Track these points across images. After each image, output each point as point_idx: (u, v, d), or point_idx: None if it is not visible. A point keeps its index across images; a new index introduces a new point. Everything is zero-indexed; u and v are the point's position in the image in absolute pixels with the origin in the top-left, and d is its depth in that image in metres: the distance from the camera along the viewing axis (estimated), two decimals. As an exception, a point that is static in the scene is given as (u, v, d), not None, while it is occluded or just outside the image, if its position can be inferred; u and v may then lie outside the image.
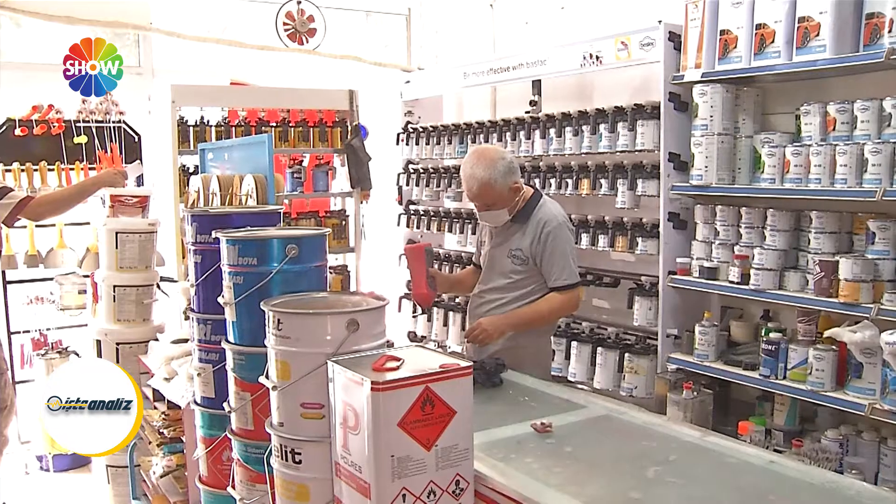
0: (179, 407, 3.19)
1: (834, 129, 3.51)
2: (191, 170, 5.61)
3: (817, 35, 3.43)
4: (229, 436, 2.57)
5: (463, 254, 5.60)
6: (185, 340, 3.62)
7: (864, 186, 3.32)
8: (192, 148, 5.54)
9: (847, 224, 3.62)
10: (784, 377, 3.62)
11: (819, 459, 3.48)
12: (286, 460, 2.17)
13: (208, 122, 5.84)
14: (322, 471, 2.10)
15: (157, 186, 5.44)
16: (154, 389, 3.61)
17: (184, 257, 4.89)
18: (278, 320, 2.13)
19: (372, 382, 1.80)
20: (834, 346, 3.51)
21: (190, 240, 2.85)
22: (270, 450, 2.24)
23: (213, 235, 2.58)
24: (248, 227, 2.67)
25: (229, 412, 2.54)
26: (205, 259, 2.76)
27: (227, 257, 2.47)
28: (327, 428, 2.06)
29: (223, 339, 2.57)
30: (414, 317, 5.98)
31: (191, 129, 5.72)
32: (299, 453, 2.14)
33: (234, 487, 2.57)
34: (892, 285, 3.31)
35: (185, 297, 3.84)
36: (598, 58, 4.42)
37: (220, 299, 2.54)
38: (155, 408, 3.73)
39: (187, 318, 3.22)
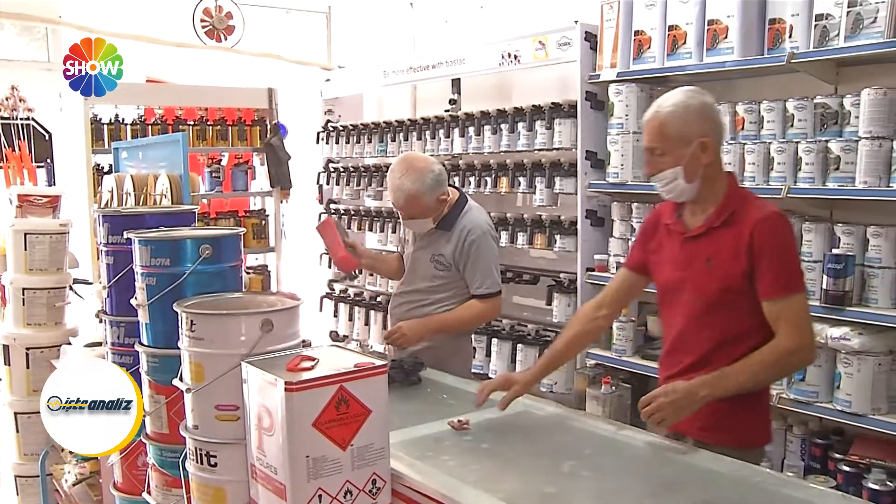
0: (92, 412, 3.12)
1: (742, 129, 3.61)
2: (105, 169, 5.48)
3: (725, 37, 3.54)
4: (144, 440, 2.51)
5: (384, 252, 5.59)
6: (99, 344, 3.53)
7: (770, 184, 3.43)
8: (106, 147, 5.41)
9: (756, 220, 3.73)
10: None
11: (732, 450, 3.58)
12: (202, 463, 2.14)
13: (123, 120, 5.71)
14: (238, 473, 2.08)
15: (70, 186, 5.29)
16: (66, 395, 3.51)
17: (98, 259, 4.77)
18: (191, 321, 2.10)
19: (285, 383, 1.79)
20: (746, 339, 3.61)
21: (102, 241, 2.79)
22: (186, 453, 2.20)
23: (126, 236, 2.53)
24: (162, 228, 2.62)
25: (144, 416, 2.49)
26: (117, 260, 2.69)
27: (140, 258, 2.42)
28: (242, 430, 2.04)
29: (137, 342, 2.51)
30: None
31: (105, 127, 5.58)
32: (214, 456, 2.11)
33: (149, 493, 2.53)
34: (798, 279, 3.42)
35: (100, 299, 3.75)
36: (516, 57, 4.47)
37: (132, 301, 2.49)
38: (67, 413, 3.63)
39: (101, 320, 3.14)
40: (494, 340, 4.60)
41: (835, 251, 3.26)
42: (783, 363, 2.37)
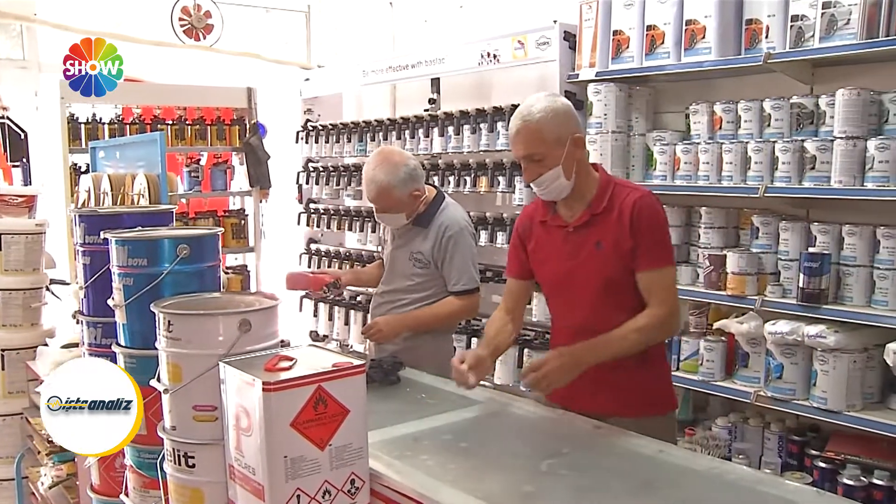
0: (69, 414, 3.09)
1: (720, 128, 3.65)
2: (82, 168, 5.44)
3: (703, 37, 3.57)
4: (121, 441, 2.50)
5: (363, 252, 5.59)
6: (76, 345, 3.51)
7: (748, 183, 3.46)
8: (83, 146, 5.37)
9: (734, 219, 3.77)
10: (677, 368, 3.74)
11: (709, 447, 3.62)
12: (179, 464, 2.13)
13: (101, 119, 5.67)
14: (216, 474, 2.07)
15: (46, 186, 5.24)
16: (43, 396, 3.48)
17: (75, 259, 4.74)
18: (169, 322, 2.09)
19: (263, 383, 1.78)
20: (723, 338, 3.65)
21: (78, 241, 2.77)
22: (164, 454, 2.19)
23: (103, 236, 2.51)
24: (140, 228, 2.61)
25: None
26: (94, 260, 2.67)
27: (117, 258, 2.41)
28: (220, 430, 2.03)
29: (114, 343, 2.49)
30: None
31: (82, 126, 5.54)
32: (192, 457, 2.10)
33: (127, 495, 2.51)
34: (774, 278, 3.46)
35: (77, 299, 3.72)
36: (495, 56, 4.48)
37: (110, 302, 2.48)
38: (44, 415, 3.60)
39: (78, 321, 3.12)
40: (474, 340, 4.60)
41: (811, 250, 3.30)
42: (656, 329, 2.54)
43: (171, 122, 5.87)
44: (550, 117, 2.51)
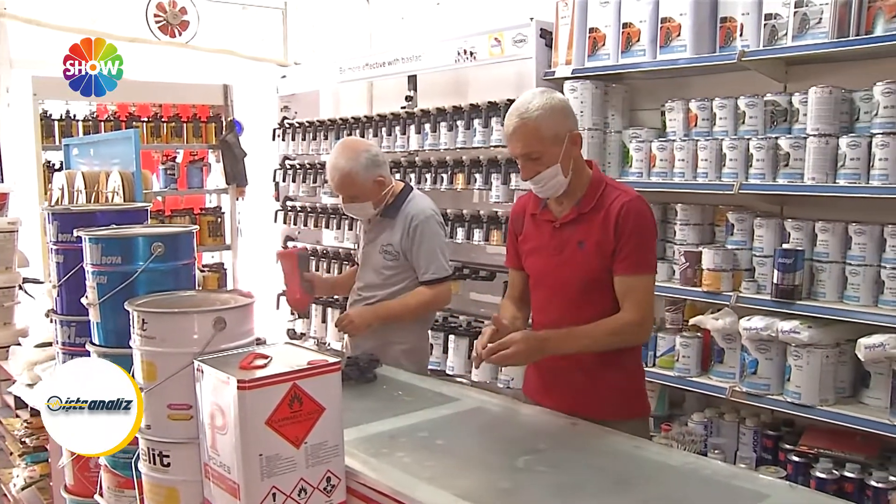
0: (43, 414, 3.07)
1: (695, 126, 3.67)
2: (56, 166, 5.39)
3: (678, 35, 3.58)
4: (96, 441, 2.49)
5: (340, 250, 5.58)
6: (50, 344, 3.48)
7: (722, 180, 3.49)
8: (56, 143, 5.33)
9: (709, 216, 3.79)
10: (654, 364, 3.76)
11: (685, 442, 3.64)
12: (154, 464, 2.11)
13: (74, 116, 5.62)
14: (191, 473, 2.06)
15: (19, 183, 5.19)
16: (15, 397, 3.46)
17: (49, 257, 4.70)
18: (143, 320, 2.07)
19: (238, 381, 1.77)
20: (699, 334, 3.68)
21: (51, 239, 2.74)
22: (138, 454, 2.18)
23: (76, 234, 2.49)
24: (113, 226, 2.59)
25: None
26: (67, 259, 2.65)
27: (90, 256, 2.38)
28: (195, 429, 2.02)
29: (88, 342, 2.48)
30: (292, 320, 5.91)
31: (55, 123, 5.49)
32: (167, 456, 2.08)
33: (101, 495, 2.49)
34: (749, 274, 3.49)
35: (51, 298, 3.69)
36: (472, 53, 4.48)
37: (83, 300, 2.46)
38: (16, 416, 3.58)
39: (51, 320, 3.10)
40: (451, 337, 4.61)
41: (785, 246, 3.32)
42: (623, 333, 2.54)
43: (146, 120, 5.83)
44: (548, 115, 2.50)
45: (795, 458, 3.31)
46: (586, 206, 2.58)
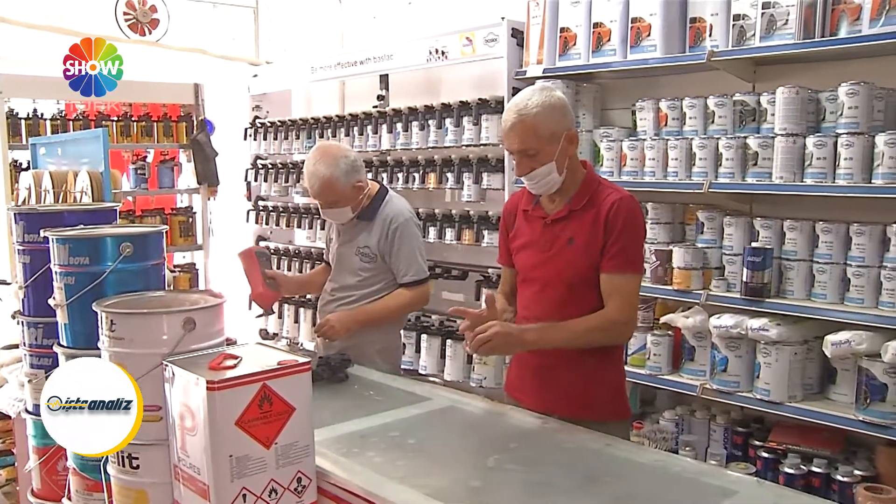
0: (10, 417, 3.04)
1: (666, 125, 3.69)
2: (23, 165, 5.33)
3: (649, 35, 3.61)
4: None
5: (313, 249, 5.56)
6: (17, 346, 3.43)
7: (692, 179, 3.52)
8: (23, 142, 5.27)
9: (679, 215, 3.82)
10: (625, 363, 3.78)
11: (657, 440, 3.66)
12: (123, 466, 2.10)
13: (42, 115, 5.56)
14: (161, 475, 2.05)
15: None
16: (-18, 400, 3.41)
17: (15, 258, 4.64)
18: (111, 321, 2.06)
19: (207, 382, 1.76)
20: (669, 332, 3.71)
21: (17, 240, 2.71)
22: (107, 457, 2.16)
23: (43, 234, 2.47)
24: (81, 226, 2.57)
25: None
26: (34, 260, 2.62)
27: (58, 257, 2.37)
28: (165, 430, 2.00)
29: (55, 343, 2.46)
30: (258, 317, 5.87)
31: (22, 122, 5.43)
32: (136, 458, 2.07)
33: (69, 499, 2.47)
34: (718, 272, 3.52)
35: (17, 299, 3.65)
36: (443, 53, 4.48)
37: (51, 301, 2.43)
38: (-16, 419, 3.53)
39: (18, 321, 3.06)
40: (424, 336, 4.61)
41: (754, 245, 3.36)
42: (605, 332, 2.54)
43: (116, 119, 5.78)
44: (547, 113, 2.50)
45: (765, 455, 3.35)
46: (578, 204, 2.59)
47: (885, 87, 3.17)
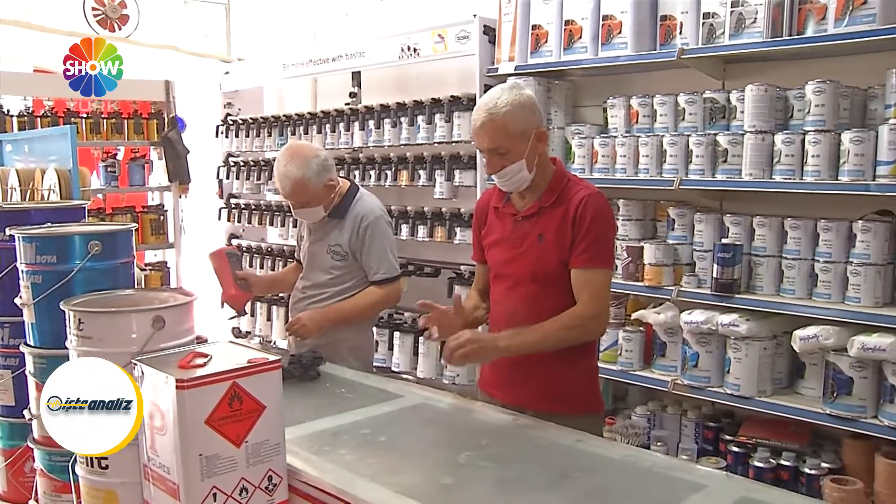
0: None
1: (637, 122, 3.72)
2: (-11, 163, 5.26)
3: (620, 33, 3.63)
4: (31, 445, 2.44)
5: (285, 247, 5.53)
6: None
7: (663, 176, 3.54)
8: (-10, 139, 5.20)
9: (651, 211, 3.85)
10: (597, 359, 3.79)
11: (629, 435, 3.69)
12: (92, 466, 2.09)
13: (9, 111, 5.49)
14: (130, 475, 2.03)
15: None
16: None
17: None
18: (79, 320, 2.04)
19: (177, 380, 1.75)
20: (641, 328, 3.73)
21: (-18, 239, 2.68)
22: (75, 457, 2.14)
23: (8, 233, 2.44)
24: (49, 224, 2.54)
25: (30, 420, 2.41)
26: (0, 258, 2.60)
27: (24, 256, 2.35)
28: (134, 430, 1.99)
29: (22, 343, 2.43)
30: (231, 318, 5.85)
31: (-11, 118, 5.36)
32: (105, 458, 2.06)
33: (37, 500, 2.45)
34: (689, 268, 3.55)
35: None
36: (415, 50, 4.48)
37: (17, 300, 2.41)
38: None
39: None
40: (396, 334, 4.60)
41: (724, 241, 3.38)
42: (578, 328, 2.54)
43: (85, 116, 5.71)
44: (517, 111, 2.51)
45: (735, 449, 3.38)
46: (547, 201, 2.60)
47: (850, 85, 3.21)
